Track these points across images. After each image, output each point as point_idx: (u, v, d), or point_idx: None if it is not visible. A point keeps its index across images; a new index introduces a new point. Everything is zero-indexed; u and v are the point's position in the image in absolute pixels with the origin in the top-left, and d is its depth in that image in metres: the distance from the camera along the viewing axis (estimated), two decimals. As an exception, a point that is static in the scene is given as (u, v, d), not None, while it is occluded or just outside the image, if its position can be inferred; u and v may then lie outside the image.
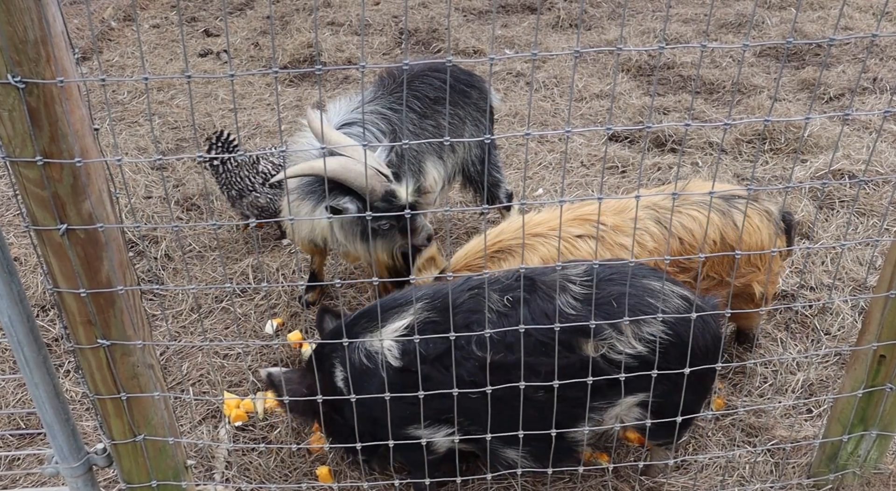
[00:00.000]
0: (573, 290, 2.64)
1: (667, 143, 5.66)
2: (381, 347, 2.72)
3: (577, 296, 2.63)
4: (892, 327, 2.55)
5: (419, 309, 2.73)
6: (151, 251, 4.65)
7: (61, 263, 2.03)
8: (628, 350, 2.60)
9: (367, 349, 2.76)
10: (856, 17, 7.82)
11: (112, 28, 8.28)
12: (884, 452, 2.93)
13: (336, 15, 8.47)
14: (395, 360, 2.70)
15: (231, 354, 3.91)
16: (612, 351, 2.60)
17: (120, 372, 2.25)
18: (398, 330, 2.72)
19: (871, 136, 5.58)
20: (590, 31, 7.99)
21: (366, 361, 2.75)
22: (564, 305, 2.61)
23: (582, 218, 3.26)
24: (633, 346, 2.60)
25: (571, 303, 2.62)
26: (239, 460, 3.28)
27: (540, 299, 2.64)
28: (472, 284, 2.77)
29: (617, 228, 3.20)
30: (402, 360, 2.69)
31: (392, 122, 3.76)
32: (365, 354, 2.76)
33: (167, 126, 6.25)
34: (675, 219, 3.23)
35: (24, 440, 3.43)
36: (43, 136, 1.83)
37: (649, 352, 2.60)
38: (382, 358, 2.70)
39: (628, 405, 2.75)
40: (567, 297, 2.63)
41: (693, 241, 3.20)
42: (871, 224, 4.63)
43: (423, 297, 2.77)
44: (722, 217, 3.22)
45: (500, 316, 2.64)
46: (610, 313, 2.59)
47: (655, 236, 3.19)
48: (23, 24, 1.70)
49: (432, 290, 2.82)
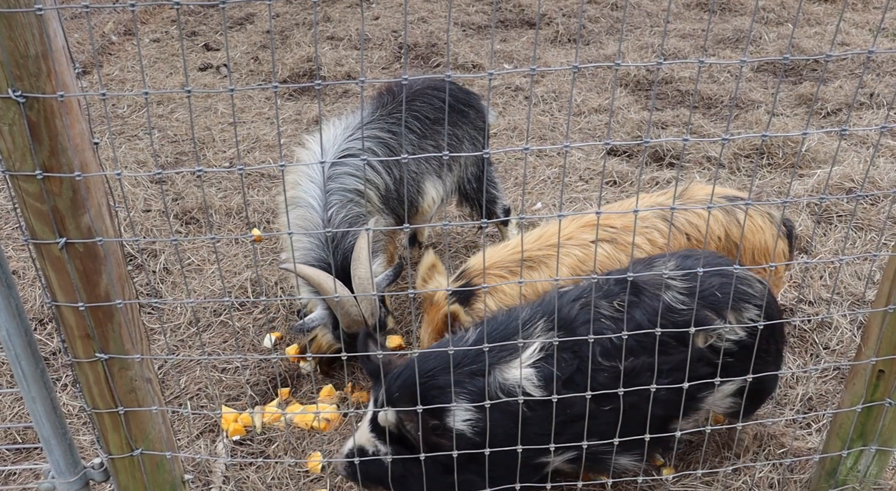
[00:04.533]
0: (676, 285, 2.70)
1: (665, 158, 5.68)
2: (520, 378, 2.51)
3: (682, 290, 2.69)
4: (891, 342, 2.55)
5: (541, 330, 2.62)
6: (150, 265, 4.65)
7: (60, 276, 2.03)
8: (732, 337, 2.69)
9: (501, 383, 2.54)
10: (852, 33, 7.86)
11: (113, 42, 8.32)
12: (883, 468, 2.92)
13: (336, 29, 8.51)
14: (535, 389, 2.54)
15: (229, 367, 3.90)
16: (719, 340, 2.67)
17: (118, 386, 2.25)
18: (532, 356, 2.57)
19: (869, 152, 5.60)
20: (588, 46, 8.03)
21: (503, 395, 2.52)
22: (673, 301, 2.67)
23: (590, 224, 3.33)
24: (737, 332, 2.69)
25: (679, 298, 2.68)
26: (237, 475, 3.26)
27: (648, 299, 2.68)
28: (575, 295, 2.73)
29: (627, 228, 3.28)
30: (544, 387, 2.53)
31: (391, 147, 3.78)
32: (501, 388, 2.53)
33: (167, 140, 6.27)
34: (681, 215, 3.32)
35: (20, 455, 3.41)
36: (43, 150, 1.83)
37: (748, 336, 2.69)
38: (521, 389, 2.51)
39: (728, 391, 2.83)
40: (673, 293, 2.69)
41: (699, 236, 3.28)
42: (869, 238, 4.64)
43: (537, 317, 2.67)
44: (726, 215, 3.32)
45: (616, 321, 2.64)
46: (716, 303, 2.67)
47: (664, 233, 3.28)
48: (24, 40, 1.70)
49: (540, 309, 2.71)
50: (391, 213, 3.85)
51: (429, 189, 3.93)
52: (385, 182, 3.77)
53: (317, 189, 3.65)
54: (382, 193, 3.78)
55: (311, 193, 3.66)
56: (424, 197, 3.94)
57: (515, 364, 2.53)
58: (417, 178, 3.89)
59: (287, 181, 3.73)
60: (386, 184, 3.77)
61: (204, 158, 5.91)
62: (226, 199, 5.33)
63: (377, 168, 3.75)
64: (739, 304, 2.72)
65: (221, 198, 5.34)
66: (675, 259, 2.81)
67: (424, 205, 3.96)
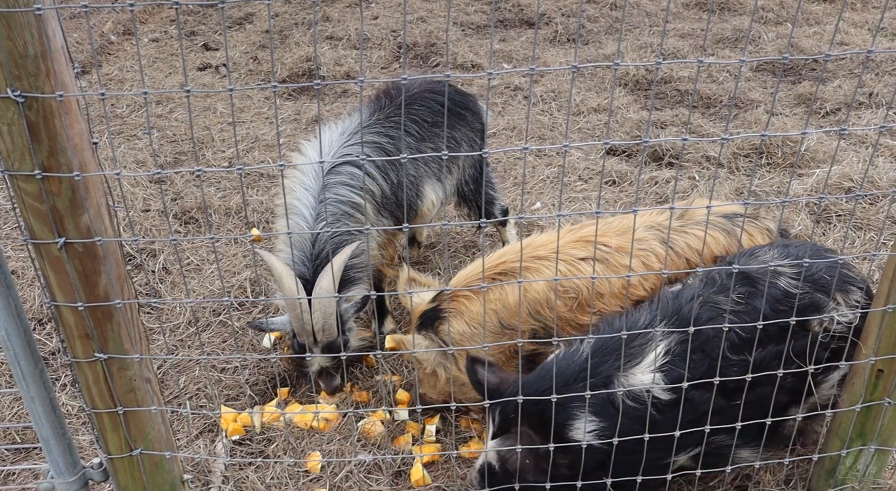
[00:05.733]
0: (787, 271, 2.74)
1: (664, 157, 5.68)
2: (650, 382, 2.54)
3: (794, 275, 2.73)
4: (890, 342, 2.55)
5: (665, 333, 2.62)
6: (149, 265, 4.65)
7: (59, 276, 2.03)
8: (843, 319, 2.73)
9: (628, 389, 2.55)
10: (851, 33, 7.87)
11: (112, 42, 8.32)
12: (882, 467, 2.92)
13: (335, 29, 8.51)
14: (664, 392, 2.55)
15: (228, 367, 3.90)
16: (831, 323, 2.71)
17: (117, 386, 2.24)
18: (658, 360, 2.57)
19: (868, 151, 5.60)
20: (587, 46, 8.03)
21: (631, 402, 2.54)
22: (790, 287, 2.71)
23: (584, 240, 3.22)
24: (846, 314, 2.73)
25: (794, 283, 2.72)
26: (236, 474, 3.26)
27: (763, 287, 2.70)
28: (691, 294, 2.73)
29: (621, 250, 3.15)
30: (672, 391, 2.55)
31: (388, 152, 3.74)
32: (629, 395, 2.55)
33: (166, 139, 6.27)
34: (680, 239, 3.20)
35: (19, 455, 3.41)
36: (42, 149, 1.83)
37: (856, 318, 2.73)
38: (650, 395, 2.53)
39: (836, 379, 2.84)
40: (786, 279, 2.73)
41: (699, 261, 3.18)
42: (868, 238, 4.64)
43: (657, 320, 2.67)
44: (727, 236, 3.21)
45: (738, 314, 2.67)
46: (826, 286, 2.71)
47: (661, 258, 3.14)
48: (23, 39, 1.70)
49: (659, 311, 2.72)
50: (390, 217, 3.83)
51: (428, 192, 3.92)
52: (381, 188, 3.73)
53: (310, 197, 3.60)
54: (379, 201, 3.74)
55: (303, 202, 3.60)
56: (424, 200, 3.92)
57: (640, 370, 2.58)
58: (416, 182, 3.87)
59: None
60: (382, 191, 3.73)
61: (203, 158, 5.91)
62: (225, 198, 5.33)
63: (373, 174, 3.71)
64: (846, 286, 2.78)
65: (221, 198, 5.34)
66: (776, 248, 2.88)
67: (424, 208, 3.94)
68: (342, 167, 3.66)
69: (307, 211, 3.58)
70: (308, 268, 3.52)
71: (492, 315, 3.13)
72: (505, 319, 3.14)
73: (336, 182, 3.63)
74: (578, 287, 3.12)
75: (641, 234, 3.19)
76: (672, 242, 3.17)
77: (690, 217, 3.27)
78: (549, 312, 3.12)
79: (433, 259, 4.80)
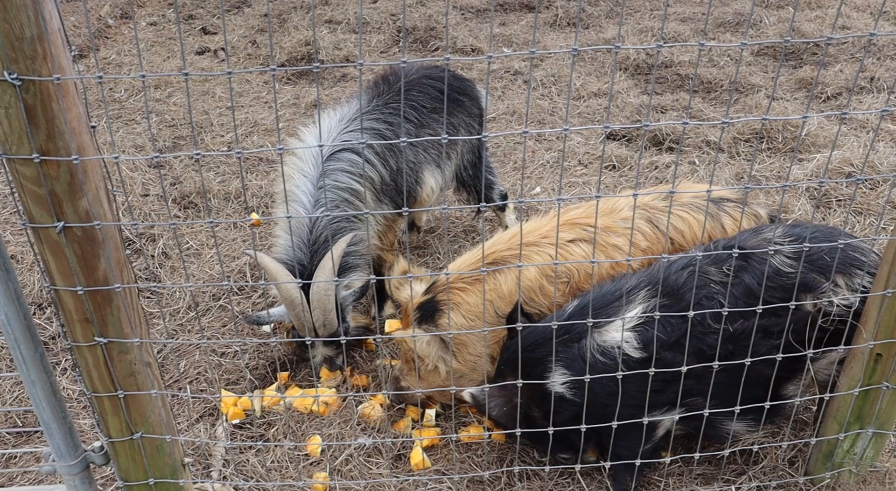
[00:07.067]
0: (784, 250, 2.74)
1: (664, 142, 5.66)
2: (620, 340, 2.67)
3: (790, 255, 2.73)
4: (889, 326, 2.56)
5: (644, 296, 2.74)
6: (149, 249, 4.64)
7: (58, 260, 2.03)
8: (843, 302, 2.72)
9: (600, 345, 2.70)
10: (853, 17, 7.82)
11: (109, 26, 8.27)
12: (880, 450, 2.94)
13: (334, 13, 8.46)
14: (635, 351, 2.67)
15: (228, 351, 3.91)
16: (830, 305, 2.71)
17: (117, 370, 2.25)
18: (632, 320, 2.69)
19: (869, 136, 5.59)
20: (588, 30, 7.99)
21: (601, 357, 2.69)
22: (782, 265, 2.72)
23: (571, 222, 3.24)
24: (847, 297, 2.73)
25: (787, 262, 2.73)
26: (236, 458, 3.28)
27: (757, 263, 2.72)
28: (683, 263, 2.80)
29: (608, 229, 3.19)
30: (644, 350, 2.67)
31: (387, 139, 3.71)
32: (599, 350, 2.70)
33: (164, 124, 6.25)
34: (665, 219, 3.23)
35: (20, 438, 3.42)
36: (39, 133, 1.83)
37: (861, 303, 2.72)
38: (621, 351, 2.67)
39: (835, 358, 2.84)
40: (780, 257, 2.73)
41: (683, 241, 3.24)
42: (869, 223, 4.64)
43: (642, 284, 2.78)
44: (711, 220, 3.25)
45: (725, 286, 2.70)
46: (824, 268, 2.71)
47: (648, 236, 3.21)
48: (19, 22, 1.69)
49: (646, 277, 2.82)
50: (389, 203, 3.82)
51: (427, 178, 3.91)
52: (381, 175, 3.72)
53: (309, 184, 3.58)
54: (378, 188, 3.73)
55: (302, 189, 3.59)
56: (423, 187, 3.91)
57: (614, 327, 2.70)
58: (416, 169, 3.86)
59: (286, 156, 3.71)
60: (381, 177, 3.72)
61: (202, 142, 5.90)
62: (224, 183, 5.32)
63: (372, 161, 3.70)
64: (850, 269, 2.76)
65: (220, 182, 5.33)
66: (784, 227, 2.89)
67: (423, 195, 3.94)
68: (341, 154, 3.64)
69: (306, 198, 3.57)
70: (305, 254, 3.51)
71: (487, 306, 3.13)
72: (500, 308, 3.15)
73: (335, 169, 3.61)
74: (570, 271, 3.14)
75: (627, 213, 3.25)
76: (657, 222, 3.24)
77: (677, 199, 3.31)
78: (543, 299, 3.13)
79: (433, 244, 4.80)
